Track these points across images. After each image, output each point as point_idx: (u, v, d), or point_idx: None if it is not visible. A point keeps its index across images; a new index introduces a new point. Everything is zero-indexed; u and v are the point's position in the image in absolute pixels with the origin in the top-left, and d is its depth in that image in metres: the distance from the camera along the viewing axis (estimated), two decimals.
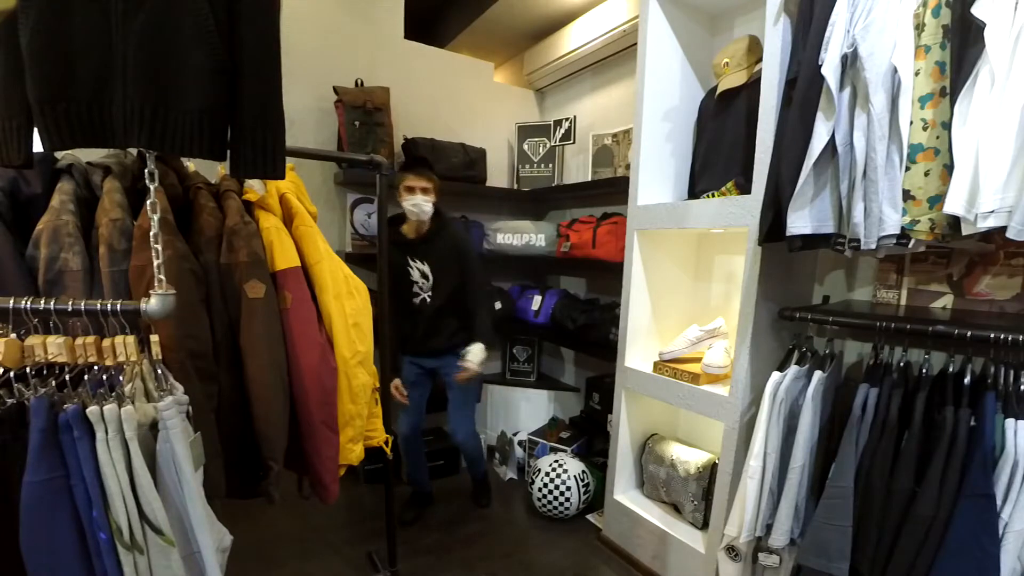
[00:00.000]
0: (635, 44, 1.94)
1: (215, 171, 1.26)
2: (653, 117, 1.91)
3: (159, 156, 0.93)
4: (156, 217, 0.86)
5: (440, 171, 2.56)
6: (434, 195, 2.03)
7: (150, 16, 0.74)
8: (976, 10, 1.03)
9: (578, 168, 2.92)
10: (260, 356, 1.15)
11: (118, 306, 0.84)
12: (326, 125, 2.50)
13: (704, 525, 1.86)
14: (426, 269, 2.08)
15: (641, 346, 2.04)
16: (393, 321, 2.09)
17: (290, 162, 1.11)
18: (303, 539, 2.11)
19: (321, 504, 1.36)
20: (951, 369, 1.20)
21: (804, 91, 1.27)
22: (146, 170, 0.85)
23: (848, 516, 1.23)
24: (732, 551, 1.53)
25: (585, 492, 2.29)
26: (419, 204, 1.98)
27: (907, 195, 1.19)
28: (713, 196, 1.74)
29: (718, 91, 1.78)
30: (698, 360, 1.83)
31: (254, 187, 1.25)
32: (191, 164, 1.23)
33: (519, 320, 2.82)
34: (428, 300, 2.10)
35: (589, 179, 2.73)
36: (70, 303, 0.83)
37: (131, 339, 0.85)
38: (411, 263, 2.07)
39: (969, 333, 1.12)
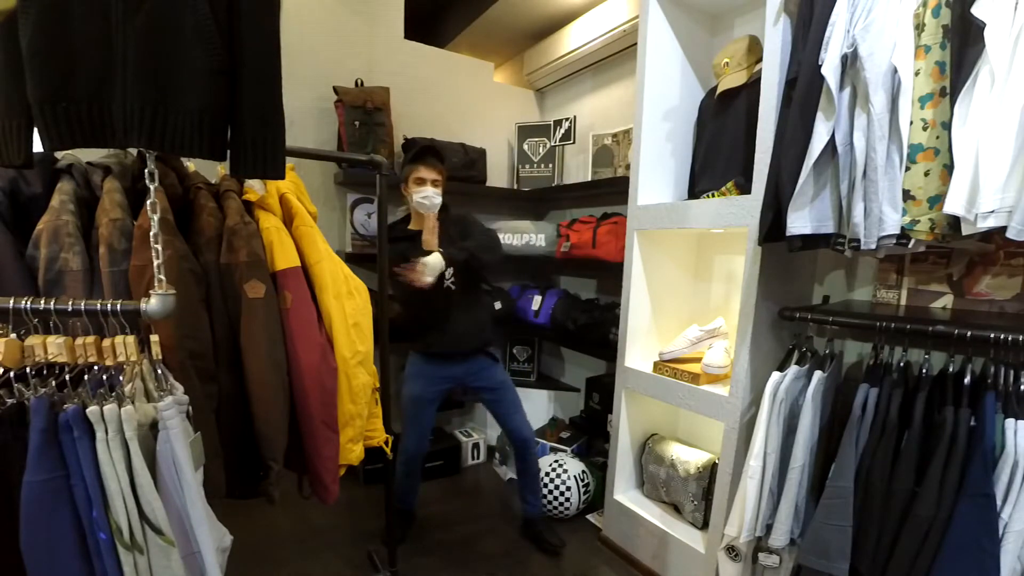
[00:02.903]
0: (635, 44, 1.94)
1: (215, 171, 1.26)
2: (653, 117, 1.91)
3: (159, 156, 0.93)
4: (156, 217, 0.86)
5: None
6: (443, 187, 1.91)
7: (150, 16, 0.74)
8: (976, 10, 1.03)
9: (578, 168, 2.92)
10: (260, 356, 1.15)
11: (118, 306, 0.84)
12: (326, 125, 2.50)
13: (704, 525, 1.86)
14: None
15: (641, 346, 2.04)
16: (414, 317, 1.95)
17: (290, 162, 1.11)
18: (303, 539, 2.11)
19: (321, 504, 1.36)
20: (951, 369, 1.20)
21: (804, 91, 1.27)
22: (146, 170, 0.85)
23: (848, 516, 1.23)
24: (732, 551, 1.53)
25: (585, 492, 2.29)
26: (429, 197, 1.85)
27: (907, 195, 1.19)
28: (713, 196, 1.74)
29: (718, 91, 1.78)
30: (698, 360, 1.83)
31: (254, 187, 1.25)
32: (191, 164, 1.23)
33: (519, 320, 2.82)
34: (452, 287, 1.93)
35: (589, 179, 2.73)
36: (70, 303, 0.83)
37: (131, 339, 0.85)
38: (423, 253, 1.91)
39: (969, 333, 1.12)
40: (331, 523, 2.21)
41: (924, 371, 1.22)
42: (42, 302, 0.83)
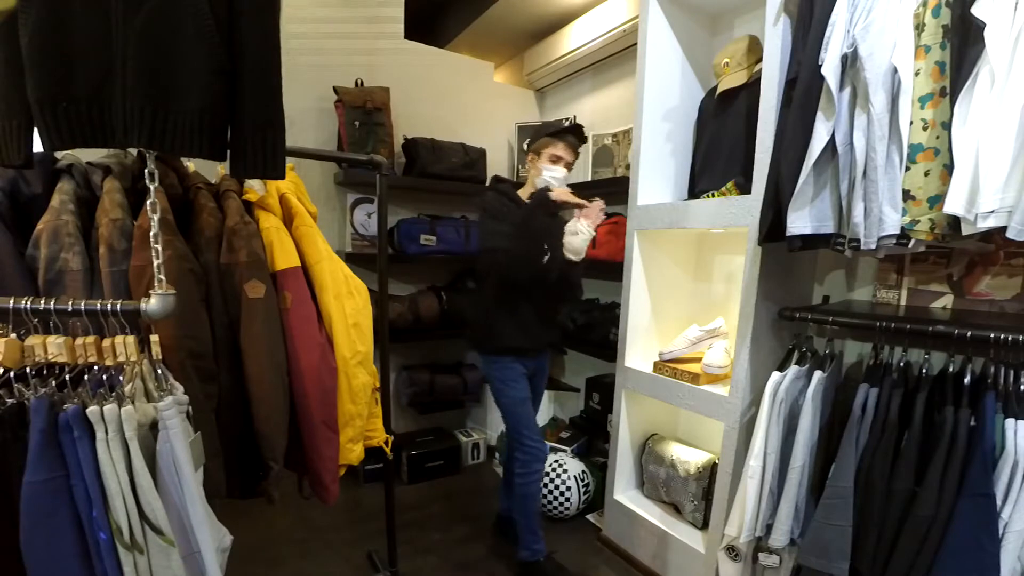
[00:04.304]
0: (635, 44, 1.94)
1: (215, 171, 1.26)
2: (653, 117, 1.91)
3: (159, 156, 0.93)
4: (156, 217, 0.86)
5: (440, 171, 2.57)
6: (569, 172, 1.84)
7: (150, 16, 0.74)
8: (976, 10, 1.03)
9: (578, 168, 2.91)
10: (260, 356, 1.15)
11: (118, 306, 0.84)
12: (326, 125, 2.50)
13: (704, 525, 1.86)
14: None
15: (641, 346, 2.04)
16: (514, 296, 1.78)
17: (290, 162, 1.11)
18: (303, 539, 2.11)
19: (321, 504, 1.36)
20: (951, 369, 1.20)
21: (804, 91, 1.27)
22: (146, 170, 0.85)
23: (848, 516, 1.23)
24: (732, 551, 1.53)
25: (585, 492, 2.29)
26: (559, 179, 1.77)
27: (907, 195, 1.19)
28: (713, 196, 1.74)
29: (718, 91, 1.78)
30: (698, 360, 1.83)
31: (254, 187, 1.25)
32: (191, 164, 1.23)
33: None
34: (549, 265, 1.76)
35: (589, 179, 2.72)
36: (70, 303, 0.83)
37: (131, 339, 0.85)
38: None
39: (969, 333, 1.12)
40: (331, 523, 2.21)
41: (924, 371, 1.23)
42: (42, 302, 0.83)
